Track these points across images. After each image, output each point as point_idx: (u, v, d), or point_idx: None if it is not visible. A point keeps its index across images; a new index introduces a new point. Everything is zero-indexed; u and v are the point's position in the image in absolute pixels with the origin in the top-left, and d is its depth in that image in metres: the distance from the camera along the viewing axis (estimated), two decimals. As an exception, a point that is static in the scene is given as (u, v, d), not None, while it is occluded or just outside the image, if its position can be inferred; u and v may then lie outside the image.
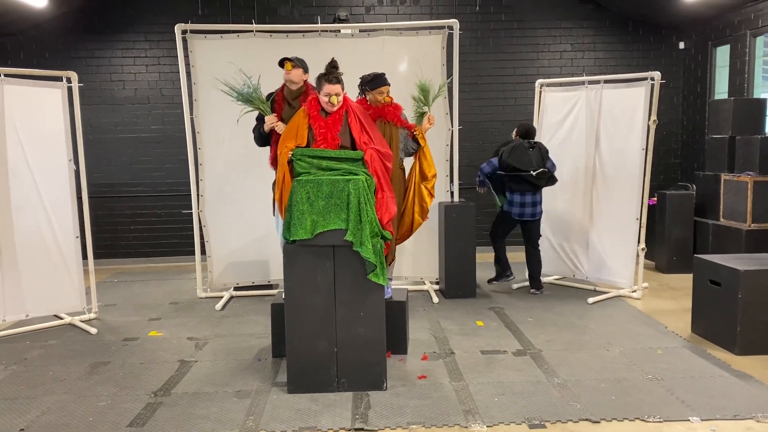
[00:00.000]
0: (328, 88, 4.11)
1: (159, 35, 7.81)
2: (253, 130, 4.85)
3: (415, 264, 6.42)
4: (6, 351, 4.76)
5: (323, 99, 4.14)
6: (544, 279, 6.52)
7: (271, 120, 4.57)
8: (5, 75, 5.01)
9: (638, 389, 3.84)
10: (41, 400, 3.84)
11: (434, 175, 4.79)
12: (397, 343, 4.46)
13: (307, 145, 4.18)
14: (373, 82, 4.66)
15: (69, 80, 5.36)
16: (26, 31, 7.68)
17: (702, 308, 4.82)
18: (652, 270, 7.11)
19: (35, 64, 7.53)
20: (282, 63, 4.71)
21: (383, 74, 4.69)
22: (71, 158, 5.36)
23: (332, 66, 4.19)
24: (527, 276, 6.31)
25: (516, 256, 7.85)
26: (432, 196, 4.82)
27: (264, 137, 4.74)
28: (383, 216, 3.95)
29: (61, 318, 5.44)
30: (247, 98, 4.59)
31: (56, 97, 5.28)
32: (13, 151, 5.06)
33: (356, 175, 3.88)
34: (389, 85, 4.67)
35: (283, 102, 4.74)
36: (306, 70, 4.75)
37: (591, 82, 6.22)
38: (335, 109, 4.18)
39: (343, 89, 4.19)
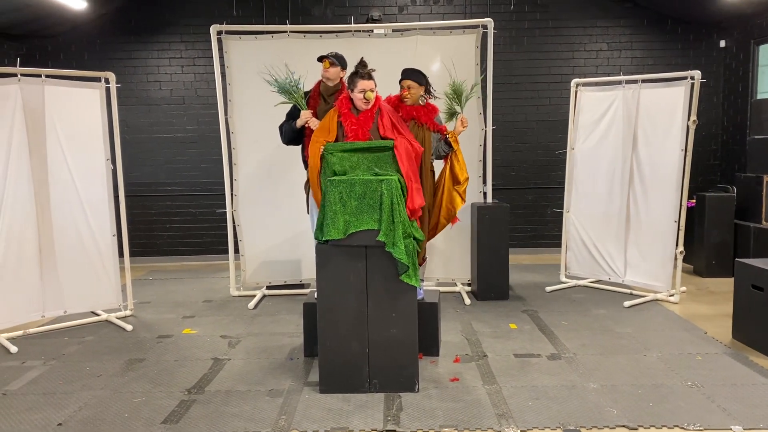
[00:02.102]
0: (362, 84, 4.12)
1: (194, 36, 7.90)
2: (281, 126, 4.87)
3: (447, 265, 6.38)
4: (45, 346, 4.86)
5: (358, 96, 4.15)
6: (579, 282, 6.44)
7: (306, 115, 4.58)
8: (46, 76, 5.12)
9: (677, 396, 3.74)
10: (78, 395, 3.90)
11: (467, 179, 4.74)
12: (429, 345, 4.43)
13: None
14: (401, 75, 4.66)
15: (107, 81, 5.45)
16: (66, 33, 7.84)
17: (743, 314, 4.68)
18: (690, 274, 6.95)
19: (74, 65, 7.69)
20: (320, 59, 4.73)
21: (410, 69, 4.66)
22: (109, 158, 5.45)
23: (361, 65, 4.21)
24: None
25: (548, 258, 7.77)
26: (463, 200, 4.77)
27: (294, 133, 4.75)
28: (408, 204, 3.90)
29: (97, 314, 5.54)
30: (287, 90, 4.61)
31: (94, 98, 5.37)
32: (53, 150, 5.17)
33: (389, 175, 3.86)
34: (410, 80, 4.62)
35: (318, 98, 4.76)
36: (344, 67, 4.77)
37: (628, 82, 6.10)
38: (369, 106, 4.18)
39: (375, 86, 4.19)
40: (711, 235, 6.78)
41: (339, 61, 4.75)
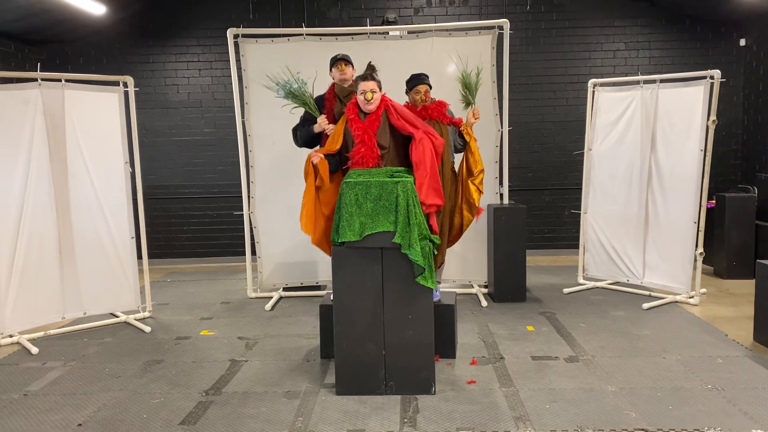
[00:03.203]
0: (363, 85, 4.16)
1: (211, 40, 7.96)
2: (295, 129, 4.84)
3: (464, 267, 6.36)
4: (65, 347, 4.92)
5: (359, 98, 4.17)
6: (597, 283, 6.39)
7: (322, 122, 4.56)
8: (66, 80, 5.19)
9: (697, 399, 3.70)
10: (98, 396, 3.94)
11: (481, 171, 4.67)
12: (446, 347, 4.42)
13: (346, 149, 4.21)
14: (410, 82, 4.65)
15: (125, 85, 5.51)
16: (85, 37, 7.94)
17: (765, 315, 4.61)
18: (710, 275, 6.86)
19: (94, 69, 7.78)
20: (335, 62, 4.73)
21: (420, 74, 4.66)
22: (127, 160, 5.50)
23: (367, 67, 4.24)
24: None
25: (565, 260, 7.72)
26: (480, 192, 4.73)
27: (312, 138, 4.73)
28: (426, 198, 3.91)
29: (116, 316, 5.60)
30: (293, 94, 4.57)
31: (113, 101, 5.43)
32: (73, 153, 5.23)
33: (405, 177, 3.86)
34: (426, 84, 4.61)
35: (334, 99, 4.75)
36: (354, 66, 4.78)
37: (646, 82, 6.04)
38: (371, 107, 4.17)
39: (379, 88, 4.19)
40: (731, 236, 6.70)
41: (350, 61, 4.78)
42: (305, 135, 4.75)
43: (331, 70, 4.82)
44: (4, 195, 4.92)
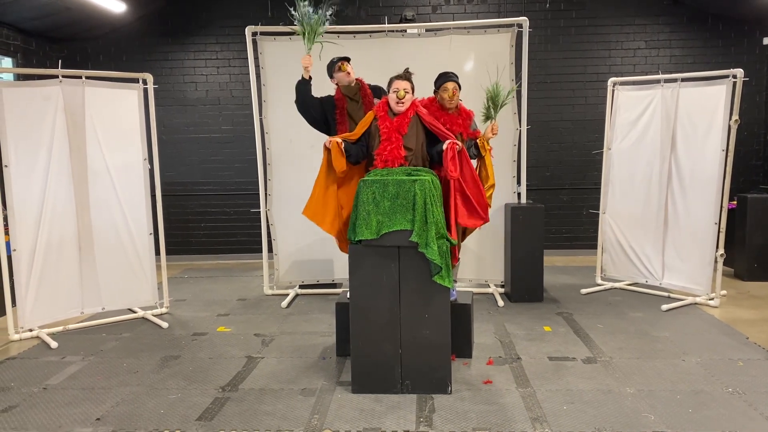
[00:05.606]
0: (397, 83, 4.16)
1: (230, 38, 7.99)
2: (298, 85, 4.78)
3: (480, 266, 6.33)
4: (84, 342, 4.97)
5: (391, 96, 4.17)
6: (615, 284, 6.33)
7: (306, 61, 4.55)
8: (86, 77, 5.23)
9: (717, 402, 3.65)
10: (116, 391, 3.97)
11: (491, 186, 4.58)
12: (462, 347, 4.40)
13: (369, 149, 4.20)
14: (438, 80, 4.60)
15: (145, 82, 5.55)
16: (106, 35, 8.00)
17: (787, 319, 4.55)
18: (730, 277, 6.77)
19: (114, 66, 7.85)
20: (335, 65, 4.72)
21: (448, 72, 4.61)
22: (146, 157, 5.54)
23: (405, 71, 4.25)
24: None
25: (583, 260, 7.66)
26: (489, 205, 4.67)
27: (305, 87, 4.67)
28: (467, 221, 3.98)
29: (134, 312, 5.64)
30: (302, 20, 4.47)
31: (133, 98, 5.47)
32: (92, 149, 5.28)
33: (422, 175, 3.84)
34: (454, 81, 4.55)
35: (345, 99, 4.75)
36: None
37: (667, 81, 5.97)
38: (401, 108, 4.16)
39: (412, 89, 4.18)
40: (753, 237, 6.60)
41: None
42: (302, 89, 4.70)
43: (331, 75, 4.79)
44: (25, 191, 4.98)
